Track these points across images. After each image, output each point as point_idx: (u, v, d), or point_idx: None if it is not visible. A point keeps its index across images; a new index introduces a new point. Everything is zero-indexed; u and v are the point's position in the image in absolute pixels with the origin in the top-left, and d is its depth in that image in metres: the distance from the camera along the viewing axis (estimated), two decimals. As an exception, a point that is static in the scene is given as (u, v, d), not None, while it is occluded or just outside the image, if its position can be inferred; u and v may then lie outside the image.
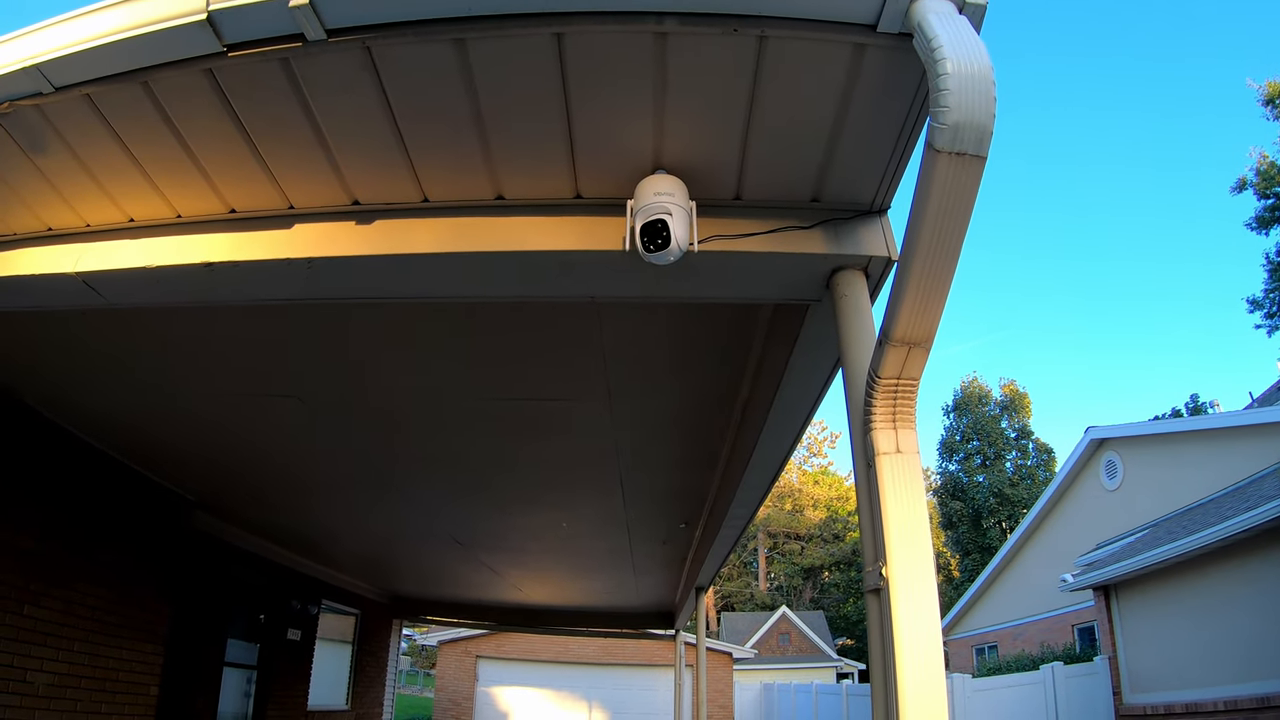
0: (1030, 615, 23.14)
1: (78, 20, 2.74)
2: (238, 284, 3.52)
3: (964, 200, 2.31)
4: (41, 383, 5.70)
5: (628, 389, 5.22)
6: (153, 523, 8.02)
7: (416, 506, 8.57)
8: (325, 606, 12.96)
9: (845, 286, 3.16)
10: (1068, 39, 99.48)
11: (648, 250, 2.81)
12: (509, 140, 2.93)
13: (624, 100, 2.74)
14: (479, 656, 26.83)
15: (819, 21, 2.41)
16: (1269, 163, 27.00)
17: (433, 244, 3.20)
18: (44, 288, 3.61)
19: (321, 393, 5.58)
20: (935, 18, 2.26)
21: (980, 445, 44.26)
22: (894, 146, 2.91)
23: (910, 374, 2.66)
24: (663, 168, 2.99)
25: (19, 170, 3.24)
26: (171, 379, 5.45)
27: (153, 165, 3.18)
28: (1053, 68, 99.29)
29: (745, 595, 58.13)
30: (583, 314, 4.30)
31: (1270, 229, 27.37)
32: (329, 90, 2.75)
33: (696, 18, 2.41)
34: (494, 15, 2.43)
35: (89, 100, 2.90)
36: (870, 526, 2.73)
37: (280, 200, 3.29)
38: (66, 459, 6.69)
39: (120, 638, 7.39)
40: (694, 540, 9.26)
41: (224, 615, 9.65)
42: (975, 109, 2.16)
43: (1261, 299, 28.61)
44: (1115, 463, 19.43)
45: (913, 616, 2.43)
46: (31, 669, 6.24)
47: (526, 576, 12.61)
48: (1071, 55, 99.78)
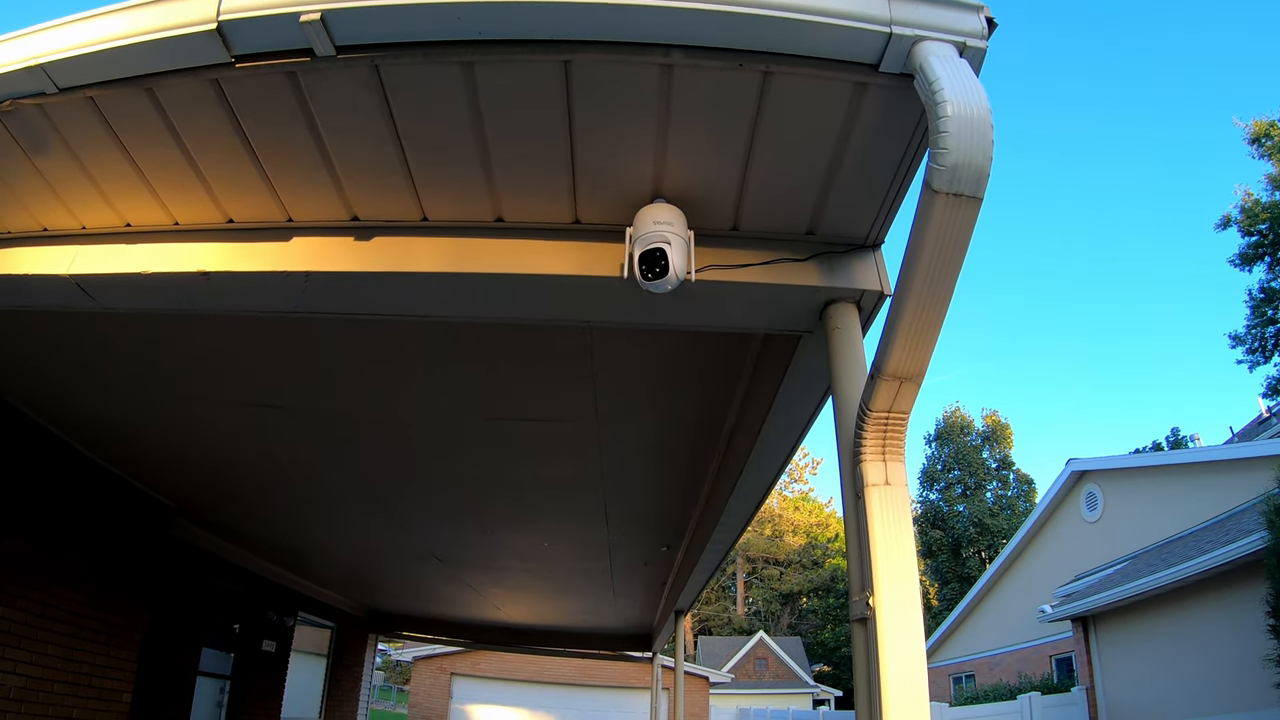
0: (1008, 645, 23.18)
1: (85, 22, 2.74)
2: (232, 294, 3.52)
3: (959, 240, 2.34)
4: (26, 383, 5.67)
5: (616, 412, 5.24)
6: (132, 528, 7.95)
7: (398, 522, 8.53)
8: (301, 618, 12.86)
9: (838, 319, 3.19)
10: (1050, 79, 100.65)
11: (646, 278, 2.84)
12: (511, 163, 2.96)
13: (627, 129, 2.77)
14: (454, 674, 26.62)
15: (823, 60, 2.45)
16: (1254, 200, 27.32)
17: (431, 263, 3.22)
18: (36, 288, 3.60)
19: (306, 405, 5.56)
20: (937, 60, 2.30)
21: (961, 475, 44.40)
22: (890, 183, 2.95)
23: (901, 408, 2.68)
24: (662, 196, 3.02)
25: (17, 169, 3.23)
26: (157, 385, 5.43)
27: (153, 171, 3.18)
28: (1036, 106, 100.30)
29: (723, 619, 57.94)
30: (575, 337, 4.32)
31: (1253, 265, 27.66)
32: (335, 106, 2.77)
33: (703, 51, 2.45)
34: (504, 40, 2.46)
35: (92, 103, 2.90)
36: (858, 556, 2.75)
37: (279, 213, 3.30)
38: (47, 460, 6.63)
39: (95, 642, 7.31)
40: (675, 564, 9.25)
41: (200, 624, 9.57)
42: (974, 151, 2.20)
43: (1243, 334, 28.86)
44: (1096, 495, 19.53)
45: (899, 646, 2.45)
46: (4, 670, 6.17)
47: (506, 595, 12.54)
48: (1054, 95, 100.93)
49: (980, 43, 2.41)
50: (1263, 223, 26.72)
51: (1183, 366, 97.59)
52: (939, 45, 2.36)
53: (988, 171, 2.23)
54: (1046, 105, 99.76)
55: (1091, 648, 15.70)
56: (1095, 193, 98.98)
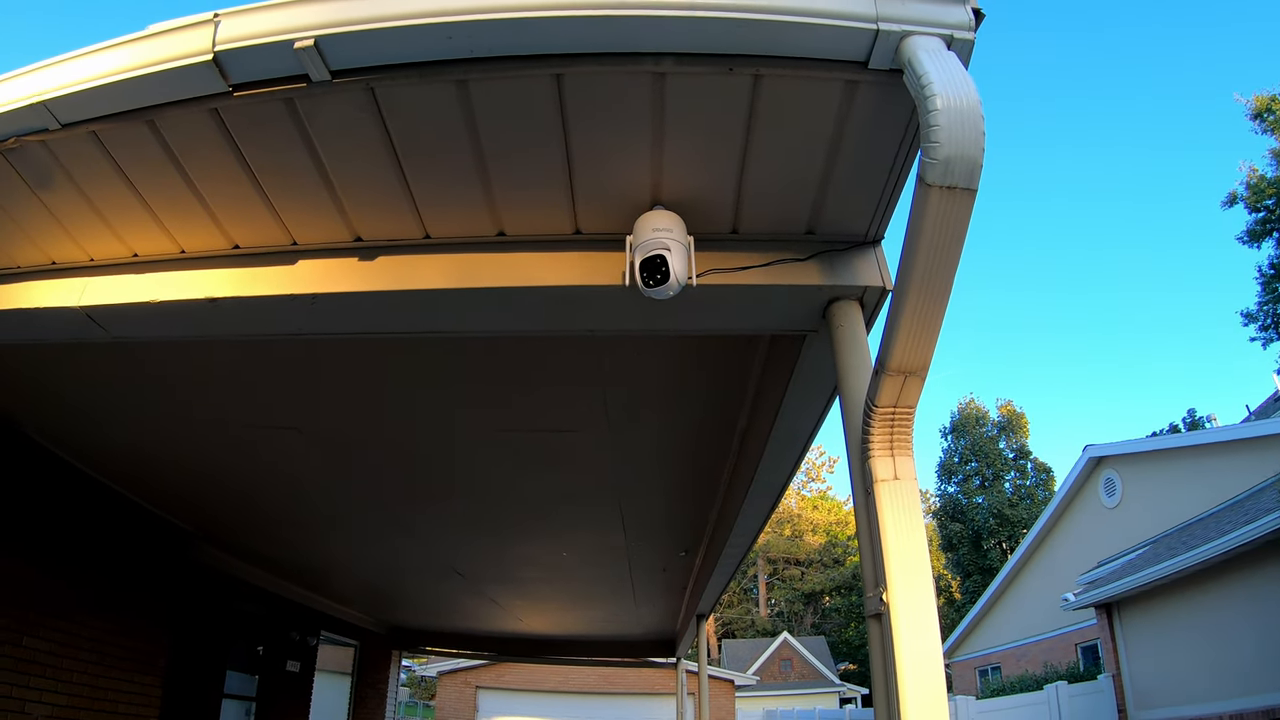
0: (1033, 635, 23.08)
1: (84, 58, 2.78)
2: (241, 319, 3.55)
3: (956, 232, 2.36)
4: (43, 414, 5.73)
5: (628, 420, 5.26)
6: (153, 554, 8.02)
7: (418, 538, 8.56)
8: (324, 638, 12.90)
9: (841, 317, 3.20)
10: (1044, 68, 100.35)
11: (647, 285, 2.86)
12: (510, 178, 2.98)
13: (623, 139, 2.79)
14: (479, 687, 26.65)
15: (812, 60, 2.47)
16: (1259, 176, 27.14)
17: (435, 280, 3.25)
18: (48, 321, 3.65)
19: (323, 425, 5.60)
20: (925, 54, 2.32)
21: (979, 466, 44.23)
22: (886, 179, 2.96)
23: (906, 402, 2.70)
24: (661, 203, 3.04)
25: (24, 205, 3.27)
26: (173, 411, 5.48)
27: (157, 201, 3.22)
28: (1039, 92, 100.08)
29: (746, 622, 57.83)
30: (584, 346, 4.35)
31: (1262, 242, 27.44)
32: (333, 130, 2.80)
33: (693, 58, 2.47)
34: (495, 57, 2.49)
35: (95, 137, 2.94)
36: (870, 552, 2.76)
37: (284, 236, 3.33)
38: (67, 490, 6.70)
39: (120, 669, 7.37)
40: (694, 568, 9.25)
41: (223, 647, 9.62)
42: (965, 143, 2.21)
43: (1255, 312, 28.65)
44: (1114, 480, 19.46)
45: (914, 640, 2.46)
46: (30, 700, 6.22)
47: (527, 606, 12.56)
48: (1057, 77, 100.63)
49: (968, 35, 2.42)
50: (1269, 198, 26.55)
51: (1196, 347, 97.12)
52: (927, 39, 2.37)
53: (980, 163, 2.24)
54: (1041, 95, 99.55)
55: (1116, 634, 15.63)
56: (1098, 180, 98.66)
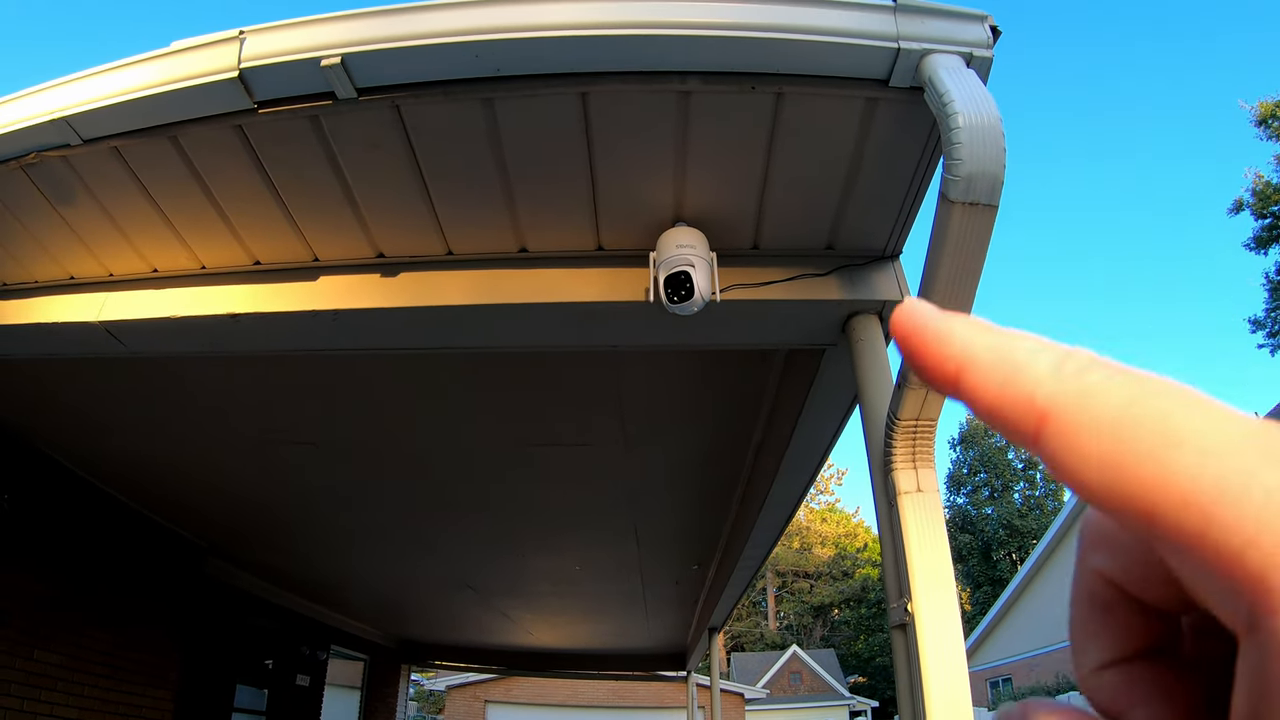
0: (1045, 646, 22.96)
1: (107, 74, 2.81)
2: (262, 335, 3.57)
3: (978, 247, 2.37)
4: (56, 428, 5.75)
5: (643, 433, 5.26)
6: (165, 568, 8.03)
7: (431, 552, 8.56)
8: (334, 652, 12.88)
9: (861, 331, 3.21)
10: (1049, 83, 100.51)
11: (672, 301, 2.87)
12: (534, 195, 3.01)
13: (647, 156, 2.82)
14: (488, 701, 26.54)
15: (834, 78, 2.50)
16: (1265, 182, 27.12)
17: (457, 296, 3.27)
18: (66, 335, 3.67)
19: (339, 440, 5.61)
20: (945, 72, 2.34)
21: (988, 477, 44.13)
22: (905, 194, 2.98)
23: (929, 415, 2.71)
24: (683, 220, 3.06)
25: (44, 220, 3.31)
26: (187, 425, 5.49)
27: (179, 217, 3.25)
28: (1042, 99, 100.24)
29: (755, 635, 57.59)
30: (601, 361, 4.36)
31: (1269, 248, 27.42)
32: (357, 147, 2.83)
33: (717, 76, 2.50)
34: (522, 75, 2.51)
35: (117, 153, 2.97)
36: (894, 563, 2.76)
37: (306, 253, 3.35)
38: (78, 503, 6.72)
39: (131, 682, 7.37)
40: (707, 581, 9.23)
41: (234, 660, 9.62)
42: (987, 160, 2.23)
43: (1263, 318, 28.63)
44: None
45: (939, 650, 2.47)
46: (41, 714, 6.22)
47: (538, 620, 12.54)
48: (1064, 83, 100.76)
49: (986, 52, 2.44)
50: (1275, 204, 26.52)
51: (1203, 354, 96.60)
52: (946, 57, 2.39)
53: (1002, 179, 2.26)
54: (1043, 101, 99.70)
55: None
56: (1103, 187, 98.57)
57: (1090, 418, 0.23)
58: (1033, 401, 0.24)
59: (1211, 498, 0.21)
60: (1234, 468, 0.21)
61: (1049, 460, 0.24)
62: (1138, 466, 0.22)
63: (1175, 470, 0.21)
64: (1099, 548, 0.28)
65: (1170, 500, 0.21)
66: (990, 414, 0.26)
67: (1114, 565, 0.27)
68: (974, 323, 0.27)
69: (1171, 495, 0.21)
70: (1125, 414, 0.23)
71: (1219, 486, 0.21)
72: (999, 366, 0.26)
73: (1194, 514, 0.21)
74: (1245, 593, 0.20)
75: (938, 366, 0.27)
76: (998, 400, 0.25)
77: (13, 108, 2.94)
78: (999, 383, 0.25)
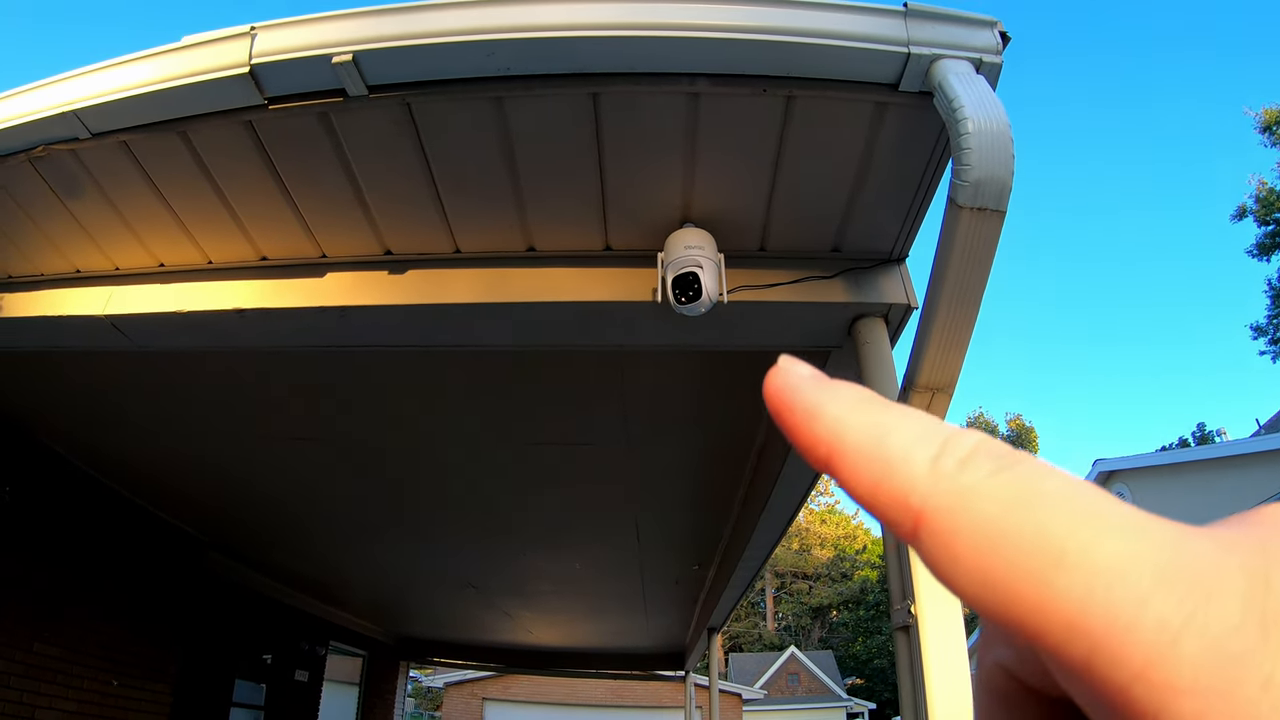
0: (1043, 653, 22.97)
1: (116, 68, 2.81)
2: (268, 330, 3.57)
3: (985, 253, 2.38)
4: (60, 421, 5.76)
5: (646, 433, 5.26)
6: (165, 562, 8.03)
7: (432, 549, 8.57)
8: (333, 647, 12.88)
9: (867, 333, 3.22)
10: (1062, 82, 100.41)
11: (680, 302, 2.88)
12: (542, 194, 3.01)
13: (656, 157, 2.82)
14: (485, 699, 26.54)
15: (844, 82, 2.50)
16: (1268, 189, 27.12)
17: (465, 294, 3.27)
18: (71, 329, 3.67)
19: (341, 436, 5.61)
20: (955, 78, 2.34)
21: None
22: (912, 198, 2.98)
23: (934, 419, 2.71)
24: (691, 221, 3.07)
25: (51, 213, 3.31)
26: (189, 420, 5.49)
27: (186, 212, 3.25)
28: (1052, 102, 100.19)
29: (753, 635, 57.59)
30: (604, 361, 4.36)
31: (1271, 255, 27.43)
32: (367, 144, 2.83)
33: (728, 79, 2.50)
34: (533, 75, 2.51)
35: (125, 147, 2.97)
36: (897, 566, 2.77)
37: (313, 249, 3.36)
38: (80, 496, 6.72)
39: (130, 676, 7.37)
40: (707, 581, 9.23)
41: (233, 655, 9.62)
42: (995, 165, 2.23)
43: (1265, 325, 28.65)
44: (1124, 494, 19.36)
45: (943, 652, 2.48)
46: (40, 706, 6.22)
47: (537, 618, 12.54)
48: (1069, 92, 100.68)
49: (995, 58, 2.45)
50: (1278, 211, 26.53)
51: (1206, 361, 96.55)
52: (956, 63, 2.40)
53: (1010, 185, 2.26)
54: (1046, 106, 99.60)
55: (1128, 651, 15.57)
56: (1107, 194, 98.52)
57: (968, 524, 0.21)
58: (907, 500, 0.22)
59: (1099, 625, 0.19)
60: (1123, 593, 0.19)
61: (928, 564, 0.22)
62: (1019, 583, 0.20)
63: (1059, 592, 0.20)
64: (995, 641, 0.26)
65: (1054, 623, 0.20)
66: (865, 505, 0.23)
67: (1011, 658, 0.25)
68: (849, 398, 0.25)
69: (1055, 619, 0.20)
70: (1005, 522, 0.21)
71: (1107, 613, 0.19)
72: (873, 456, 0.23)
73: (1080, 641, 0.19)
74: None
75: (807, 448, 0.25)
76: (871, 493, 0.23)
77: (21, 101, 2.95)
78: (872, 475, 0.23)
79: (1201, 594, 0.19)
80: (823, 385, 0.26)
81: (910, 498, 0.22)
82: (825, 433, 0.24)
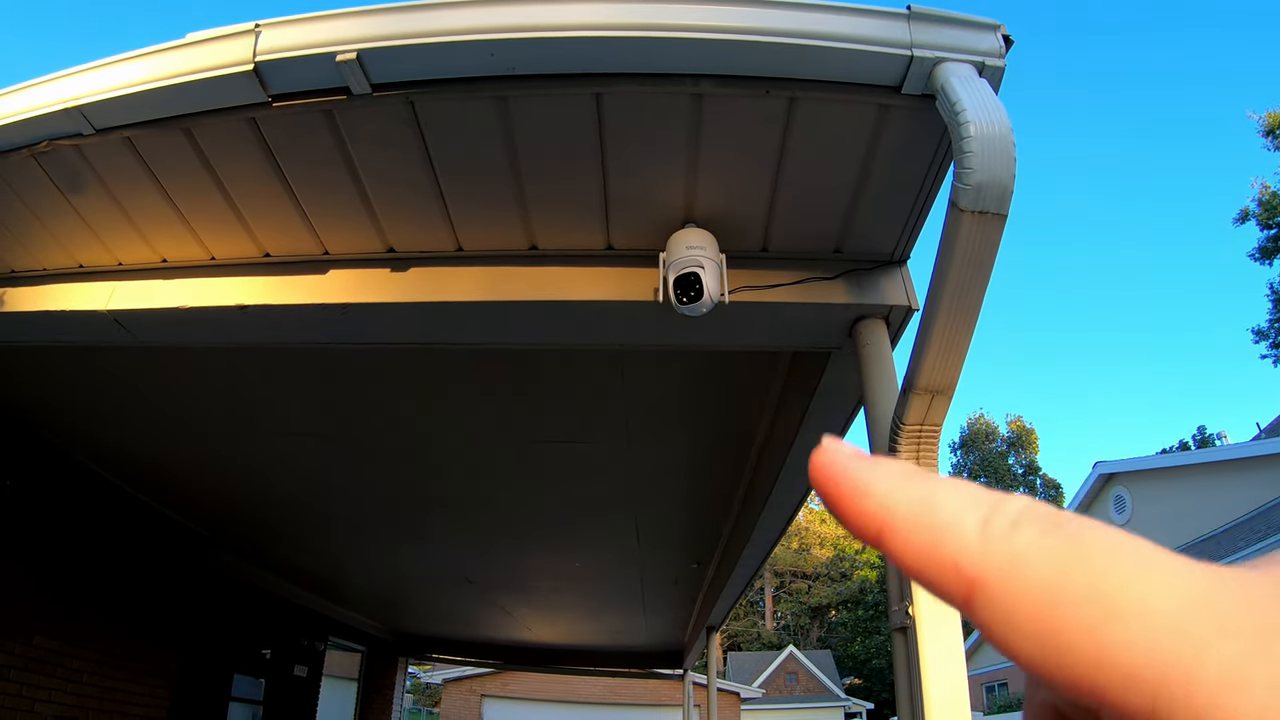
0: (1040, 654, 22.98)
1: (120, 65, 2.81)
2: (270, 327, 3.58)
3: (986, 256, 2.38)
4: (61, 416, 5.77)
5: (646, 432, 5.28)
6: (166, 557, 8.05)
7: (431, 546, 8.59)
8: (332, 643, 12.90)
9: (868, 335, 3.22)
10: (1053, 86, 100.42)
11: (681, 302, 2.89)
12: (545, 194, 3.02)
13: (659, 157, 2.83)
14: (484, 695, 26.56)
15: (847, 84, 2.51)
16: (1271, 193, 27.11)
17: (467, 293, 3.28)
18: (73, 324, 3.68)
19: (341, 432, 5.63)
20: (958, 81, 2.35)
21: (988, 482, 44.12)
22: (914, 200, 2.99)
23: (933, 420, 2.72)
24: (693, 221, 3.07)
25: (54, 208, 3.32)
26: (191, 416, 5.51)
27: (189, 208, 3.25)
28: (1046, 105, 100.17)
29: (752, 634, 57.62)
30: (604, 359, 4.37)
31: (1274, 259, 27.41)
32: (370, 142, 2.84)
33: (731, 80, 2.51)
34: (537, 75, 2.52)
35: (129, 143, 2.97)
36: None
37: (316, 246, 3.36)
38: (82, 491, 6.74)
39: (129, 670, 7.40)
40: (706, 580, 9.25)
41: (232, 650, 9.64)
42: (997, 169, 2.24)
43: (1266, 329, 28.66)
44: (1124, 497, 19.41)
45: (940, 653, 2.49)
46: (40, 700, 6.24)
47: (536, 615, 12.56)
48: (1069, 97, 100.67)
49: (998, 61, 2.46)
50: (1280, 215, 26.55)
51: (1207, 365, 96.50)
52: (959, 66, 2.41)
53: (1011, 188, 2.27)
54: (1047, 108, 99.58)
55: (1125, 653, 15.58)
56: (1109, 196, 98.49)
57: (1022, 587, 0.22)
58: (959, 569, 0.23)
59: (1159, 675, 0.19)
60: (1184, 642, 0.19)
61: (984, 630, 0.23)
62: (1076, 641, 0.20)
63: (1117, 646, 0.20)
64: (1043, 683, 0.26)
65: (1114, 678, 0.20)
66: (917, 577, 0.24)
67: (1061, 700, 0.26)
68: (895, 472, 0.26)
69: (1114, 673, 0.20)
70: (1060, 582, 0.21)
71: (1169, 663, 0.19)
72: (922, 527, 0.24)
73: (1142, 692, 0.19)
74: None
75: (857, 525, 0.25)
76: (923, 564, 0.24)
77: (26, 96, 2.96)
78: (923, 546, 0.24)
79: (1261, 637, 0.19)
80: (869, 463, 0.26)
81: (962, 564, 0.23)
82: (875, 508, 0.25)
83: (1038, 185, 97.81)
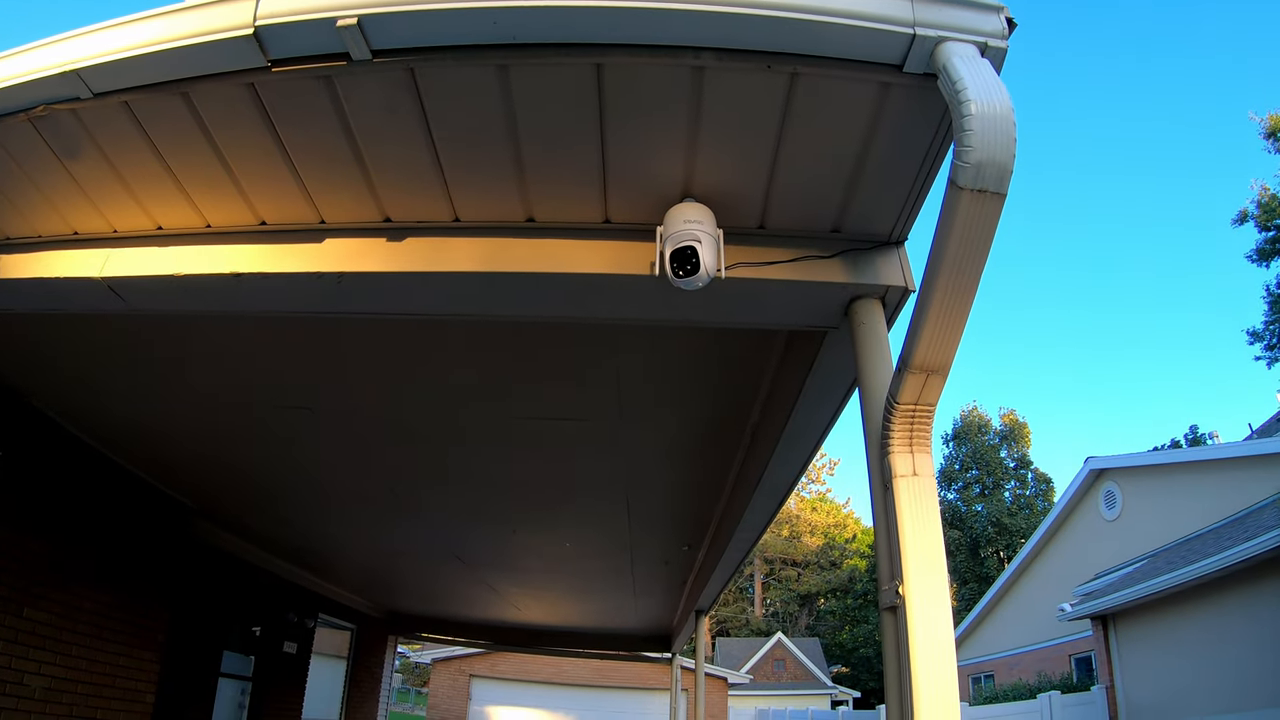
0: (1027, 645, 23.13)
1: (119, 28, 2.79)
2: (265, 296, 3.56)
3: (984, 235, 2.39)
4: (51, 385, 5.76)
5: (639, 410, 5.28)
6: (154, 529, 8.05)
7: (422, 522, 8.59)
8: (321, 620, 12.94)
9: (863, 315, 3.23)
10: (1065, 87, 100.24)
11: (677, 276, 2.89)
12: (543, 164, 3.01)
13: (658, 130, 2.82)
14: (473, 675, 26.71)
15: (849, 61, 2.50)
16: (1270, 195, 27.19)
17: (463, 263, 3.26)
18: (68, 291, 3.66)
19: (332, 406, 5.62)
20: (960, 60, 2.35)
21: (979, 474, 44.33)
22: (914, 181, 2.98)
23: (928, 400, 2.73)
24: (692, 196, 3.07)
25: (50, 174, 3.30)
26: (181, 385, 5.51)
27: (186, 174, 3.24)
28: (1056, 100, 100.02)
29: (741, 621, 57.91)
30: (597, 335, 4.37)
31: (1271, 261, 27.56)
32: (369, 109, 2.82)
33: (733, 54, 2.50)
34: (538, 44, 2.51)
35: (126, 107, 2.95)
36: (886, 546, 2.79)
37: (312, 214, 3.35)
38: (72, 462, 6.73)
39: (118, 643, 7.40)
40: (697, 563, 9.28)
41: (221, 625, 9.64)
42: (997, 148, 2.24)
43: (1261, 331, 28.81)
44: (1114, 493, 19.48)
45: (929, 633, 2.50)
46: (29, 672, 6.25)
47: (526, 595, 12.60)
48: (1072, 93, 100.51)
49: (1001, 43, 2.46)
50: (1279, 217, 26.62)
51: (1201, 364, 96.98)
52: (961, 46, 2.41)
53: (1011, 168, 2.27)
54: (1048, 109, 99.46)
55: (1111, 646, 15.66)
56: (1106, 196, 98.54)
57: None
58: None
59: None
60: None
61: None
62: None
63: None
64: None
65: None
66: None
67: None
68: None
69: None
70: None
71: None
72: None
73: None
74: None
75: None
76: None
77: (22, 60, 2.94)
78: None
79: None
80: None
81: None
82: None
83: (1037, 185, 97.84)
